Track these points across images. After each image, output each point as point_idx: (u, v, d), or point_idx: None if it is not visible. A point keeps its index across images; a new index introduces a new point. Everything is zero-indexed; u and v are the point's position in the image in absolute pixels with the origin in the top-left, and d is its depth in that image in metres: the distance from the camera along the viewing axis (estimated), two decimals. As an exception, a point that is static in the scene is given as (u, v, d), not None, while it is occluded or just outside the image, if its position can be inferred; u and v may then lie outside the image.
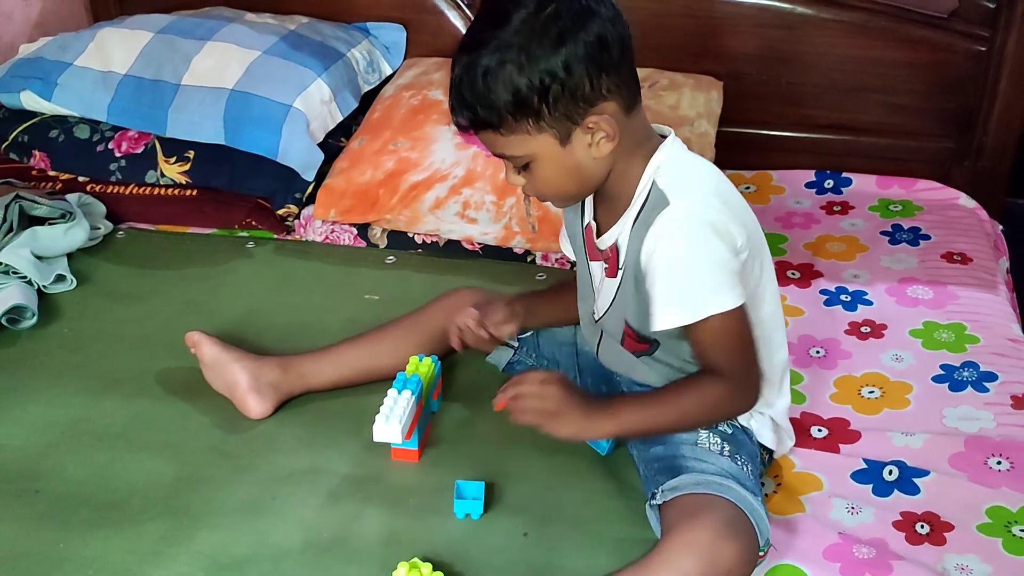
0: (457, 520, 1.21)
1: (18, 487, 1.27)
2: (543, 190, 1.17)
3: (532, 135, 1.09)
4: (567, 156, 1.11)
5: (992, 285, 1.65)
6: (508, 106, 1.07)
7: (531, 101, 1.07)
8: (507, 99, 1.07)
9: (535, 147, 1.11)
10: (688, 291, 1.12)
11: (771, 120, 2.04)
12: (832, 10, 1.95)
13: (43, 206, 1.71)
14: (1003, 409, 1.37)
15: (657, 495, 1.14)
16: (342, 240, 1.82)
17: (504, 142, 1.11)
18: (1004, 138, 1.93)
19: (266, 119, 1.84)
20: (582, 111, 1.08)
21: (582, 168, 1.13)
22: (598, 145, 1.11)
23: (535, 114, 1.08)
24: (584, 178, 1.14)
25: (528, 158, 1.12)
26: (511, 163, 1.15)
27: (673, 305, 1.12)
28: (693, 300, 1.12)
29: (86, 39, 1.99)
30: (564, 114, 1.08)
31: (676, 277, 1.12)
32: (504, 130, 1.10)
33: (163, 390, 1.44)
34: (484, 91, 1.07)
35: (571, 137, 1.10)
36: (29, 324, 1.58)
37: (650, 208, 1.13)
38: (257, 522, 1.22)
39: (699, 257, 1.11)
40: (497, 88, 1.07)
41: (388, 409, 1.25)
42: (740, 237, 1.13)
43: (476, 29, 1.11)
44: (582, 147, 1.11)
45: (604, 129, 1.10)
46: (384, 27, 2.13)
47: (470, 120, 1.11)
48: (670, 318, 1.13)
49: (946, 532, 1.19)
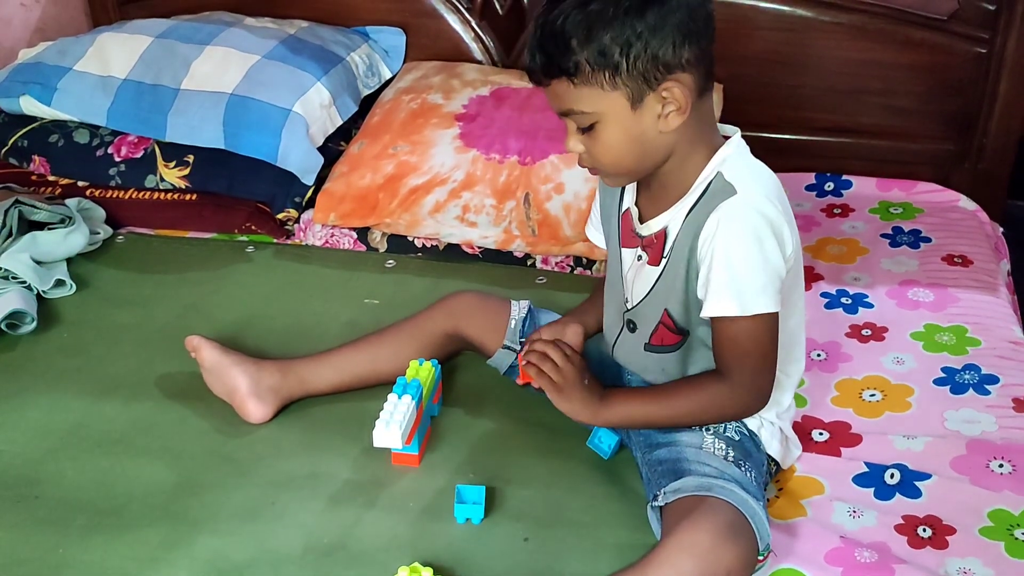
0: (458, 525, 1.21)
1: (17, 492, 1.27)
2: (603, 157, 1.14)
3: (605, 91, 1.08)
4: (635, 122, 1.10)
5: (993, 287, 1.64)
6: (589, 53, 1.06)
7: (612, 52, 1.06)
8: (590, 48, 1.06)
9: (605, 105, 1.09)
10: (747, 282, 1.11)
11: (771, 123, 2.04)
12: (832, 12, 1.95)
13: (42, 211, 1.71)
14: (1005, 412, 1.37)
15: (659, 496, 1.14)
16: (342, 244, 1.82)
17: (575, 94, 1.09)
18: (1004, 140, 1.93)
19: (265, 123, 1.84)
20: (660, 75, 1.07)
21: (646, 140, 1.12)
22: (667, 118, 1.10)
23: (614, 67, 1.06)
24: (645, 151, 1.13)
25: (595, 117, 1.10)
26: (575, 123, 1.13)
27: (731, 293, 1.12)
28: (749, 293, 1.12)
29: (86, 44, 1.99)
30: (642, 74, 1.07)
31: (737, 266, 1.11)
32: (578, 79, 1.08)
33: (163, 395, 1.44)
34: (566, 36, 1.06)
35: (643, 101, 1.09)
36: (29, 329, 1.58)
37: (712, 195, 1.13)
38: (257, 527, 1.21)
39: (760, 252, 1.11)
40: (580, 35, 1.06)
41: (388, 414, 1.25)
42: (791, 246, 1.14)
43: None
44: (651, 116, 1.10)
45: (677, 99, 1.09)
46: (383, 31, 2.13)
47: (544, 65, 1.09)
48: (724, 305, 1.12)
49: (948, 536, 1.19)
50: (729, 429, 1.22)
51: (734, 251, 1.11)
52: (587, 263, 1.72)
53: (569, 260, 1.73)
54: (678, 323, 1.20)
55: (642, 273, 1.22)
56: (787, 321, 1.20)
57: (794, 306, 1.22)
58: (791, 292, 1.20)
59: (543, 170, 1.74)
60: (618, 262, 1.26)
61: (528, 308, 1.42)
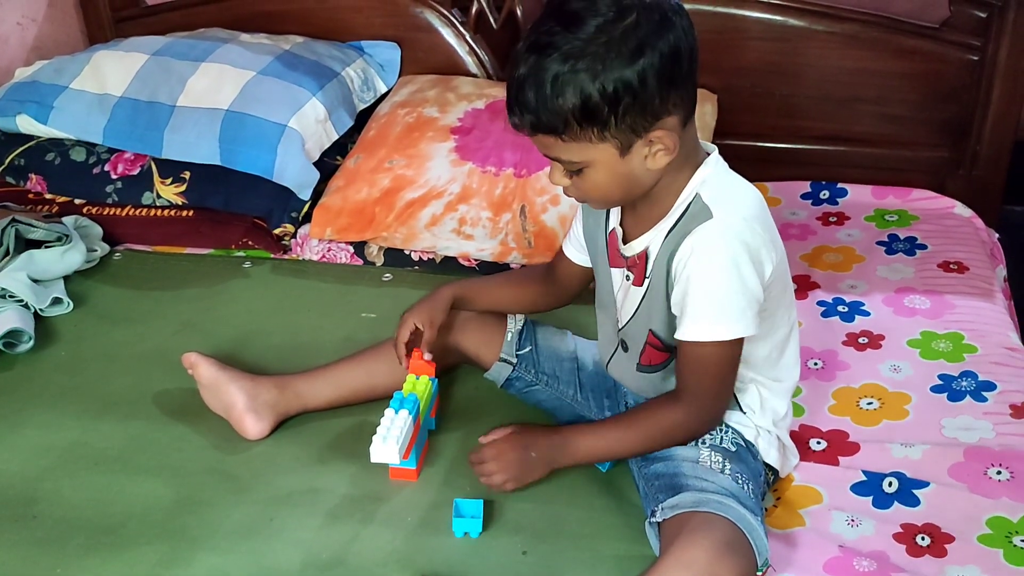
0: (456, 539, 1.21)
1: (15, 512, 1.27)
2: (590, 194, 1.15)
3: (594, 143, 1.08)
4: (623, 165, 1.10)
5: (989, 294, 1.64)
6: (576, 114, 1.05)
7: (600, 111, 1.05)
8: (576, 107, 1.04)
9: (594, 155, 1.09)
10: (720, 308, 1.12)
11: (766, 132, 2.04)
12: (825, 22, 1.96)
13: (39, 229, 1.72)
14: (1002, 418, 1.37)
15: (656, 513, 1.14)
16: (339, 258, 1.82)
17: (563, 147, 1.09)
18: (998, 146, 1.94)
19: (261, 139, 1.84)
20: (648, 124, 1.07)
21: (635, 177, 1.12)
22: (655, 156, 1.10)
23: (602, 124, 1.06)
24: (633, 186, 1.13)
25: (583, 164, 1.10)
26: (562, 166, 1.13)
27: (704, 318, 1.12)
28: (722, 319, 1.12)
29: (82, 62, 2.00)
30: (630, 126, 1.06)
31: (713, 291, 1.12)
32: (566, 136, 1.07)
33: (160, 412, 1.44)
34: (552, 96, 1.04)
35: (631, 148, 1.09)
36: (26, 348, 1.58)
37: (690, 218, 1.13)
38: (255, 544, 1.21)
39: (736, 278, 1.11)
40: (567, 95, 1.04)
41: (385, 429, 1.25)
42: (770, 267, 1.14)
43: (546, 30, 1.05)
44: (639, 158, 1.10)
45: (666, 144, 1.09)
46: (379, 45, 2.13)
47: (531, 124, 1.08)
48: (697, 329, 1.13)
49: (947, 544, 1.18)
50: (726, 440, 1.22)
51: (709, 276, 1.11)
52: (584, 274, 1.72)
53: (566, 272, 1.73)
54: (664, 342, 1.21)
55: (630, 294, 1.22)
56: (775, 332, 1.21)
57: (782, 319, 1.22)
58: (777, 306, 1.20)
59: (538, 182, 1.74)
60: (608, 282, 1.26)
61: (524, 320, 1.42)
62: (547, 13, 1.08)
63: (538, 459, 1.23)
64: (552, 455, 1.23)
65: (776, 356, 1.23)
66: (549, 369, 1.40)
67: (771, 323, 1.19)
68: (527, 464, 1.23)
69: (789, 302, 1.24)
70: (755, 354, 1.21)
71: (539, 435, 1.25)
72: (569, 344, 1.42)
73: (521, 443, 1.23)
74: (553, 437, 1.24)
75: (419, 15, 2.11)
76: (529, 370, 1.40)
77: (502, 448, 1.24)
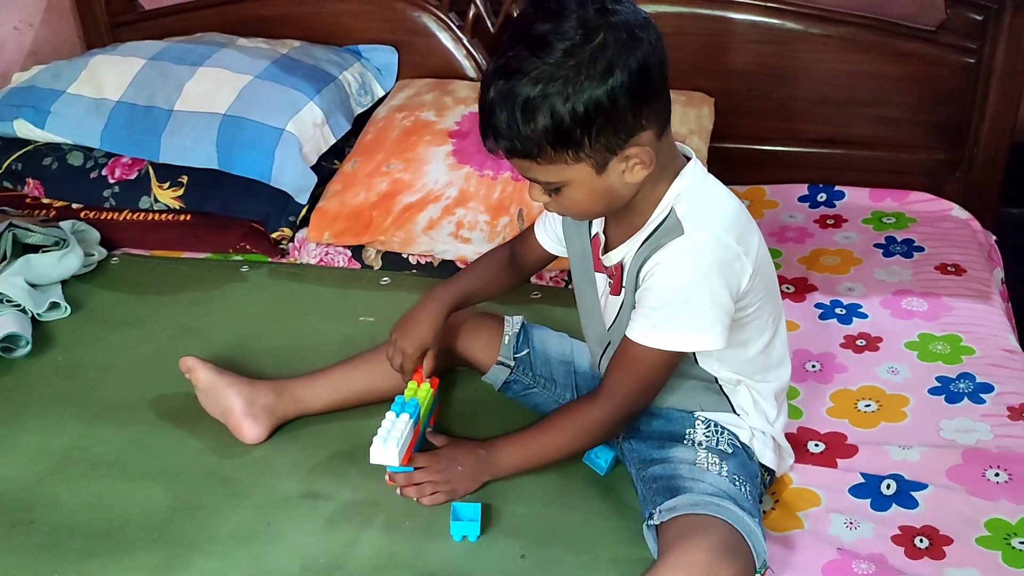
0: (454, 543, 1.21)
1: (13, 517, 1.27)
2: (570, 210, 1.16)
3: (569, 164, 1.07)
4: (601, 181, 1.10)
5: (986, 296, 1.65)
6: (548, 137, 1.05)
7: (573, 134, 1.04)
8: (549, 131, 1.04)
9: (570, 175, 1.09)
10: (671, 320, 1.13)
11: (763, 135, 2.05)
12: (821, 25, 1.97)
13: (37, 234, 1.72)
14: (1000, 420, 1.37)
15: (654, 515, 1.14)
16: (336, 262, 1.82)
17: (539, 170, 1.09)
18: (995, 149, 1.94)
19: (259, 143, 1.84)
20: (622, 141, 1.07)
21: (613, 192, 1.12)
22: (632, 170, 1.10)
23: (576, 146, 1.06)
24: (613, 200, 1.13)
25: (561, 184, 1.10)
26: (540, 186, 1.13)
27: (651, 325, 1.14)
28: (670, 330, 1.13)
29: (79, 67, 2.00)
30: (604, 145, 1.06)
31: (666, 302, 1.12)
32: (541, 159, 1.07)
33: (158, 416, 1.44)
34: (524, 122, 1.04)
35: (608, 166, 1.08)
36: (24, 353, 1.57)
37: (663, 232, 1.13)
38: (253, 548, 1.21)
39: (695, 295, 1.11)
40: (538, 120, 1.04)
41: (386, 431, 1.24)
42: (746, 278, 1.14)
43: (513, 56, 1.05)
44: (616, 173, 1.09)
45: (642, 159, 1.09)
46: (376, 49, 2.14)
47: (506, 148, 1.09)
48: (643, 334, 1.14)
49: (945, 546, 1.18)
50: (722, 442, 1.22)
51: (670, 286, 1.12)
52: (581, 278, 1.73)
53: (563, 275, 1.74)
54: None
55: (609, 301, 1.23)
56: (761, 336, 1.21)
57: (766, 322, 1.22)
58: (760, 311, 1.20)
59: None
60: (593, 286, 1.27)
61: (521, 324, 1.42)
62: (513, 37, 1.07)
63: (464, 472, 1.25)
64: (479, 467, 1.26)
65: (763, 358, 1.23)
66: (546, 372, 1.40)
67: (756, 327, 1.20)
68: (454, 475, 1.25)
69: (774, 305, 1.23)
70: (742, 357, 1.21)
71: (466, 450, 1.27)
72: (566, 347, 1.42)
73: (448, 458, 1.26)
74: (478, 451, 1.26)
75: (416, 19, 2.11)
76: (527, 373, 1.40)
77: (429, 461, 1.26)
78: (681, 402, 1.25)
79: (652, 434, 1.26)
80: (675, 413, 1.25)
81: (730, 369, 1.21)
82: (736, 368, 1.22)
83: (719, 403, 1.24)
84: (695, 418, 1.25)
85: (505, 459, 1.25)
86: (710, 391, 1.23)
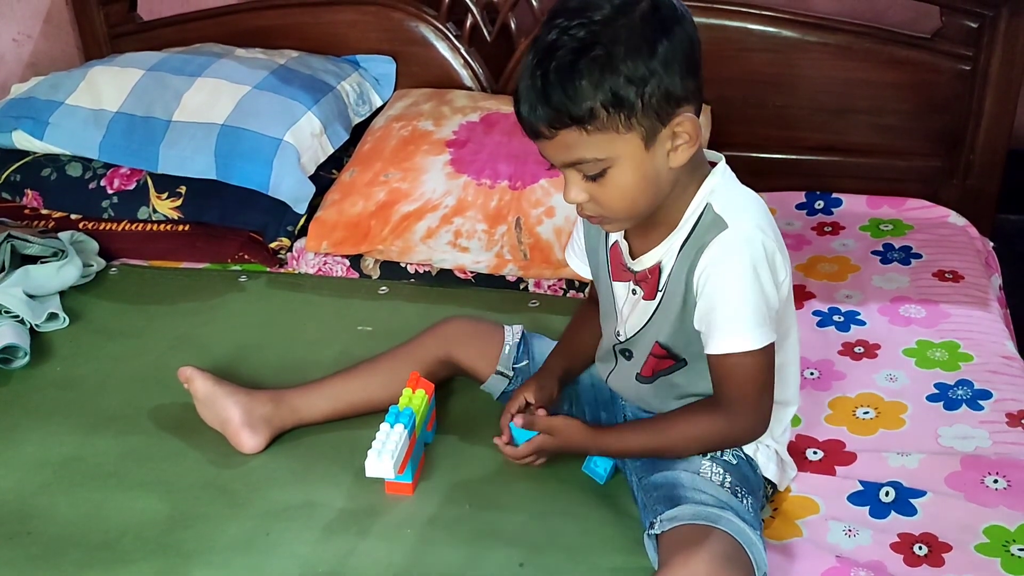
0: (453, 551, 1.20)
1: (10, 529, 1.27)
2: (615, 202, 1.10)
3: (620, 134, 1.04)
4: (648, 161, 1.07)
5: (984, 302, 1.65)
6: (605, 99, 1.01)
7: (628, 95, 1.02)
8: (604, 91, 1.01)
9: (619, 148, 1.05)
10: (749, 318, 1.11)
11: (760, 143, 2.05)
12: (817, 33, 1.97)
13: (35, 245, 1.72)
14: (998, 427, 1.37)
15: (655, 525, 1.14)
16: (335, 272, 1.82)
17: (586, 142, 1.05)
18: (991, 155, 1.94)
19: (257, 153, 1.85)
20: (671, 110, 1.05)
21: (659, 177, 1.09)
22: (677, 151, 1.08)
23: (630, 108, 1.02)
24: (656, 190, 1.10)
25: (608, 162, 1.06)
26: (582, 171, 1.08)
27: (735, 330, 1.12)
28: (752, 328, 1.12)
29: (77, 78, 2.00)
30: (655, 111, 1.04)
31: (739, 302, 1.11)
32: (592, 127, 1.03)
33: (156, 426, 1.44)
34: (578, 84, 1.01)
35: (656, 139, 1.06)
36: (22, 364, 1.57)
37: (704, 230, 1.12)
38: (251, 559, 1.21)
39: (757, 286, 1.11)
40: (594, 81, 1.01)
41: (380, 444, 1.25)
42: (783, 274, 1.14)
43: (562, 20, 1.03)
44: (662, 153, 1.07)
45: (687, 131, 1.06)
46: (374, 59, 2.14)
47: (551, 119, 1.04)
48: (731, 342, 1.12)
49: (944, 553, 1.18)
50: (726, 453, 1.22)
51: (734, 288, 1.11)
52: (579, 286, 1.73)
53: (562, 283, 1.74)
54: (670, 351, 1.21)
55: (638, 308, 1.21)
56: (781, 343, 1.20)
57: (788, 329, 1.22)
58: (784, 315, 1.20)
59: (534, 194, 1.74)
60: (611, 295, 1.25)
61: (521, 333, 1.42)
62: (556, 11, 1.06)
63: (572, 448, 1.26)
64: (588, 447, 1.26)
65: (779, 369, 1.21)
66: (546, 382, 1.40)
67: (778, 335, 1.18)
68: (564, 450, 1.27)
69: (792, 313, 1.24)
70: None
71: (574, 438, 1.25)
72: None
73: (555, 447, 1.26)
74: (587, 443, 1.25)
75: (414, 29, 2.12)
76: (525, 383, 1.40)
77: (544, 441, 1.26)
78: None
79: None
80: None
81: None
82: None
83: None
84: (699, 428, 1.24)
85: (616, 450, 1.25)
86: None
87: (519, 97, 1.07)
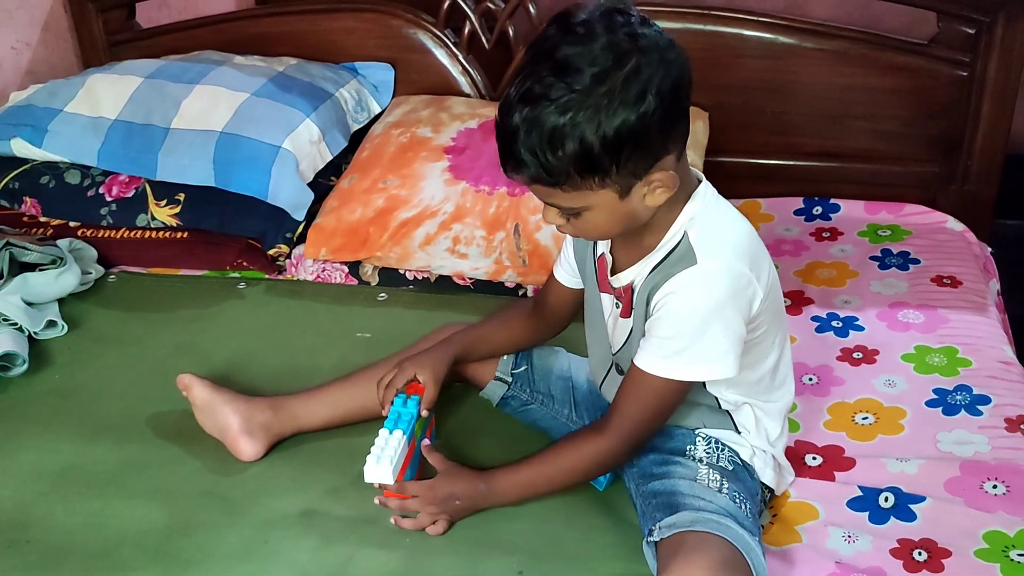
0: (452, 559, 1.20)
1: (9, 537, 1.26)
2: (587, 233, 1.15)
3: (594, 191, 1.05)
4: (622, 206, 1.08)
5: (983, 308, 1.65)
6: (576, 166, 1.02)
7: (602, 162, 1.02)
8: (577, 159, 1.01)
9: (593, 200, 1.07)
10: (683, 351, 1.12)
11: (758, 149, 2.05)
12: (814, 39, 1.98)
13: (34, 252, 1.72)
14: (997, 432, 1.37)
15: (654, 532, 1.14)
16: (333, 278, 1.82)
17: (562, 196, 1.07)
18: (989, 161, 1.95)
19: (255, 160, 1.85)
20: (648, 166, 1.05)
21: (634, 214, 1.10)
22: (654, 193, 1.08)
23: (603, 172, 1.03)
24: (632, 222, 1.11)
25: (582, 209, 1.08)
26: (559, 208, 1.10)
27: (663, 355, 1.13)
28: (683, 361, 1.12)
29: (76, 86, 2.01)
30: (631, 171, 1.04)
31: (679, 332, 1.11)
32: (566, 187, 1.05)
33: (154, 434, 1.44)
34: (551, 151, 1.01)
35: (631, 190, 1.07)
36: (20, 371, 1.57)
37: (675, 260, 1.12)
38: (250, 567, 1.21)
39: (709, 326, 1.10)
40: (567, 148, 1.01)
41: (379, 449, 1.24)
42: (758, 302, 1.13)
43: (538, 81, 1.01)
44: (638, 197, 1.08)
45: (666, 184, 1.07)
46: (372, 66, 2.15)
47: (528, 177, 1.06)
48: (654, 364, 1.14)
49: (944, 559, 1.18)
50: (723, 459, 1.22)
51: (683, 319, 1.11)
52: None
53: (560, 290, 1.74)
54: None
55: (619, 323, 1.22)
56: (767, 357, 1.21)
57: (773, 343, 1.22)
58: (767, 333, 1.19)
59: (532, 200, 1.75)
60: (599, 306, 1.26)
61: (520, 339, 1.42)
62: (535, 59, 1.03)
63: (462, 506, 1.23)
64: (478, 501, 1.23)
65: (768, 379, 1.23)
66: (544, 388, 1.40)
67: (762, 349, 1.20)
68: (451, 509, 1.23)
69: (780, 325, 1.23)
70: (749, 379, 1.20)
71: (464, 482, 1.24)
72: (563, 362, 1.42)
73: (445, 491, 1.23)
74: (478, 484, 1.23)
75: (412, 36, 2.12)
76: (524, 389, 1.40)
77: (425, 492, 1.23)
78: (683, 420, 1.24)
79: (652, 449, 1.25)
80: (676, 429, 1.25)
81: (737, 392, 1.21)
82: (743, 391, 1.21)
83: (721, 421, 1.24)
84: (696, 435, 1.24)
85: (507, 491, 1.23)
86: (713, 410, 1.23)
87: (499, 148, 1.07)
